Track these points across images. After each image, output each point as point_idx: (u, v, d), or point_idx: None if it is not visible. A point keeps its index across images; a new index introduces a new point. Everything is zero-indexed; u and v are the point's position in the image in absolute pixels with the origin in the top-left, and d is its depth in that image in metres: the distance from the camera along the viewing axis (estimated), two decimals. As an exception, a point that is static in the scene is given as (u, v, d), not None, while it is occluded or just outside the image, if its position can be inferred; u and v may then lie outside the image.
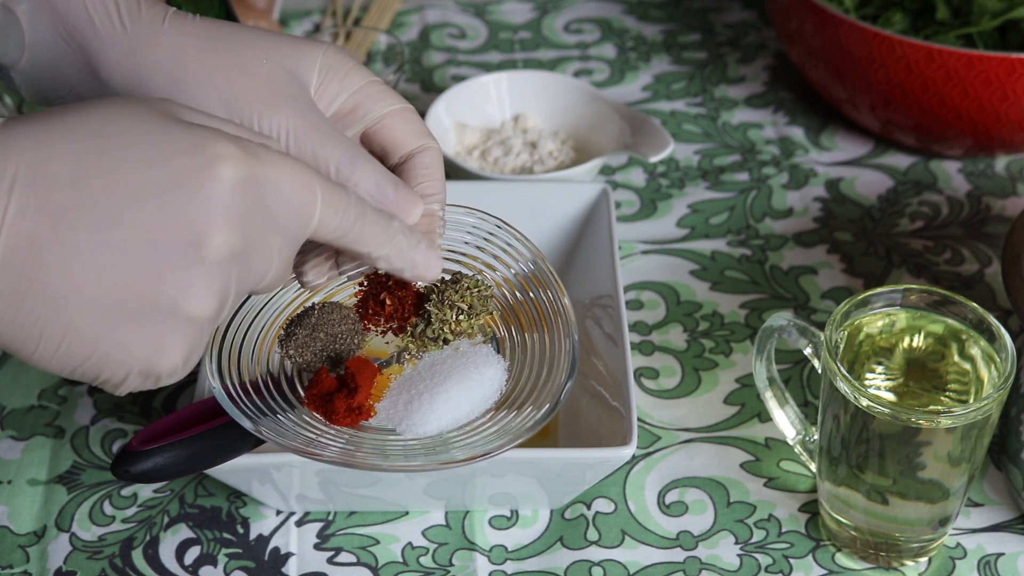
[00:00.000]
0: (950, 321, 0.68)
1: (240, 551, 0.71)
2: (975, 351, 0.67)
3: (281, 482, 0.69)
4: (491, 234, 0.65)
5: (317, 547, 0.71)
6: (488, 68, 1.07)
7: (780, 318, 0.70)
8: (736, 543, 0.72)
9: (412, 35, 1.11)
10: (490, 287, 0.63)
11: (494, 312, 0.64)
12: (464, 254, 0.65)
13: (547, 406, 0.61)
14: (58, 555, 0.71)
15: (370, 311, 0.63)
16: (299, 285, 0.61)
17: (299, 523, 0.72)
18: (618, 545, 0.71)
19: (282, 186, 0.51)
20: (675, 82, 1.06)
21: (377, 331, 0.63)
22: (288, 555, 0.71)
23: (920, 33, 0.94)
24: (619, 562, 0.71)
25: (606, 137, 0.92)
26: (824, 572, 0.70)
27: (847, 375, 0.64)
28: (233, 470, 0.67)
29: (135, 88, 0.59)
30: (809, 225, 0.92)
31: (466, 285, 0.63)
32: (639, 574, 0.70)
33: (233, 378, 0.61)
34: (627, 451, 0.66)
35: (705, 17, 1.14)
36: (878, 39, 0.88)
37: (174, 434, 0.61)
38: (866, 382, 0.67)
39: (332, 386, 0.62)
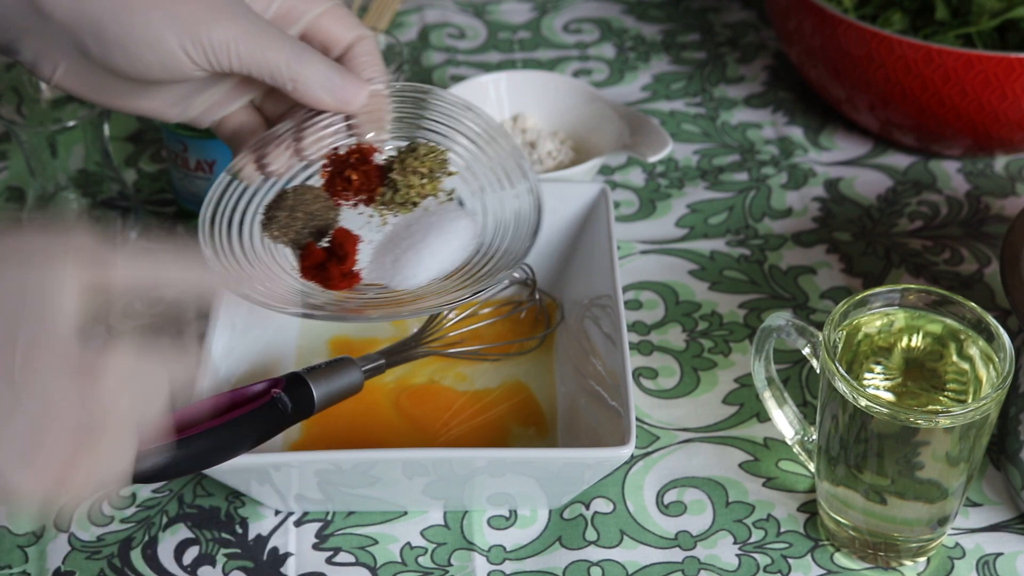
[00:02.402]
0: (949, 321, 0.68)
1: (239, 551, 0.71)
2: (974, 351, 0.67)
3: (280, 482, 0.69)
4: (438, 102, 0.72)
5: (316, 547, 0.71)
6: (487, 68, 1.07)
7: (779, 318, 0.70)
8: (735, 543, 0.72)
9: (411, 35, 1.11)
10: (445, 151, 0.70)
11: (453, 172, 0.70)
12: (418, 125, 0.71)
13: (527, 245, 0.67)
14: (57, 555, 0.71)
15: (339, 188, 0.69)
16: (265, 177, 0.68)
17: (298, 523, 0.72)
18: (617, 545, 0.71)
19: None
20: (674, 82, 1.06)
21: (348, 204, 0.70)
22: (287, 555, 0.71)
23: (919, 33, 0.94)
24: (618, 562, 0.71)
25: (605, 137, 0.92)
26: (823, 572, 0.70)
27: (845, 375, 0.64)
28: (232, 470, 0.67)
29: (79, 17, 0.60)
30: (808, 225, 0.92)
31: (423, 152, 0.69)
32: (638, 574, 0.70)
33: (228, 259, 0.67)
34: (626, 451, 0.66)
35: (704, 17, 1.14)
36: (877, 39, 0.88)
37: (173, 434, 0.61)
38: (864, 382, 0.67)
39: (322, 256, 0.68)
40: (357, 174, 0.69)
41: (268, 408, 0.64)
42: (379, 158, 0.70)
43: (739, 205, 0.94)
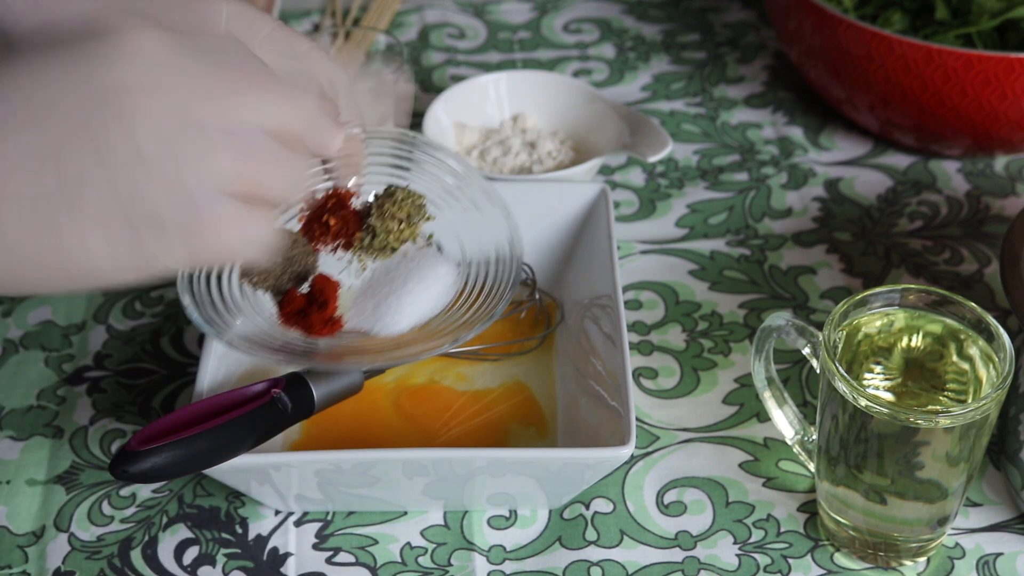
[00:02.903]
0: (949, 321, 0.68)
1: (239, 551, 0.71)
2: (974, 351, 0.67)
3: (280, 482, 0.69)
4: (413, 148, 0.72)
5: (316, 547, 0.71)
6: (487, 68, 1.07)
7: (779, 318, 0.70)
8: (735, 543, 0.72)
9: (411, 35, 1.11)
10: (422, 196, 0.70)
11: (431, 217, 0.70)
12: (395, 168, 0.71)
13: (506, 287, 0.68)
14: (57, 555, 0.71)
15: (317, 232, 0.69)
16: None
17: (298, 523, 0.72)
18: (617, 545, 0.71)
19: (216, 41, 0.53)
20: (674, 82, 1.06)
21: (327, 249, 0.69)
22: (287, 555, 0.71)
23: (919, 33, 0.94)
24: (618, 562, 0.71)
25: (605, 137, 0.92)
26: (823, 572, 0.70)
27: (845, 375, 0.64)
28: (232, 470, 0.67)
29: None
30: (808, 225, 0.92)
31: (400, 197, 0.69)
32: (638, 574, 0.70)
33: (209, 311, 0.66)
34: (626, 451, 0.66)
35: (704, 17, 1.14)
36: (877, 39, 0.88)
37: (173, 434, 0.61)
38: (864, 382, 0.67)
39: (303, 303, 0.67)
40: (335, 219, 0.68)
41: (268, 408, 0.64)
42: (356, 202, 0.69)
43: (739, 205, 0.94)
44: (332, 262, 0.69)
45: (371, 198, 0.69)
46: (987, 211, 0.94)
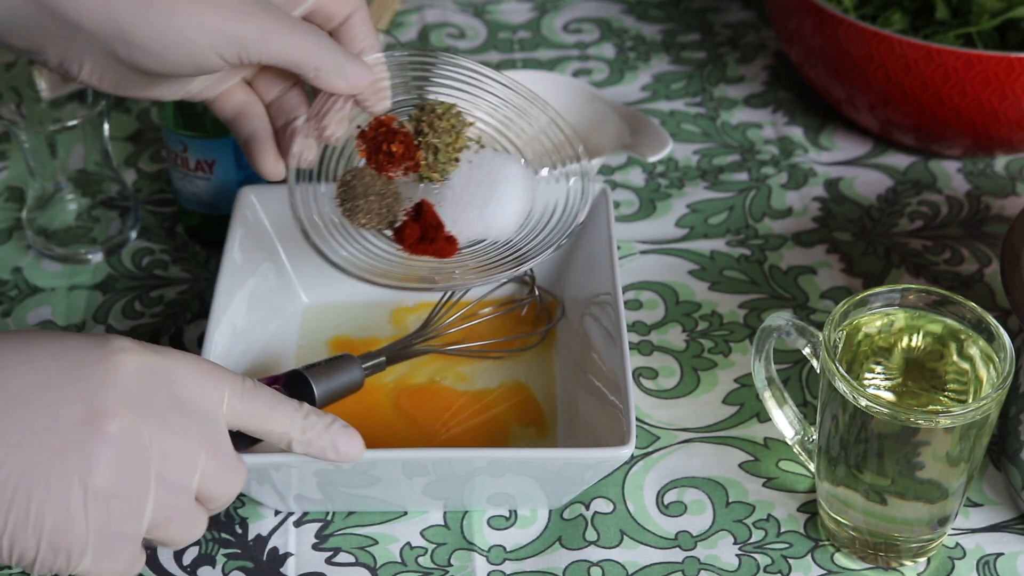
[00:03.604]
0: (949, 321, 0.68)
1: (238, 551, 0.71)
2: (974, 351, 0.67)
3: (279, 482, 0.69)
4: (441, 63, 0.74)
5: (316, 547, 0.71)
6: (487, 68, 1.07)
7: (779, 318, 0.70)
8: (735, 543, 0.72)
9: (411, 35, 1.11)
10: (453, 104, 0.73)
11: (469, 122, 0.73)
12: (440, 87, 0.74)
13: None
14: (56, 555, 0.71)
15: (384, 163, 0.71)
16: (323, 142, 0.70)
17: (297, 523, 0.72)
18: (617, 545, 0.71)
19: (184, 374, 0.56)
20: (674, 82, 1.06)
21: (398, 174, 0.71)
22: (287, 555, 0.71)
23: (919, 33, 0.94)
24: (618, 562, 0.70)
25: (605, 137, 0.92)
26: (823, 572, 0.70)
27: (846, 375, 0.64)
28: (231, 470, 0.67)
29: (109, 25, 0.62)
30: (808, 225, 0.92)
31: (440, 110, 0.72)
32: (638, 574, 0.70)
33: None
34: (626, 451, 0.66)
35: (704, 17, 1.14)
36: (877, 39, 0.88)
37: None
38: (865, 382, 0.67)
39: (419, 230, 0.70)
40: (396, 146, 0.71)
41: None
42: (396, 125, 0.72)
43: (739, 205, 0.94)
44: (408, 187, 0.72)
45: (405, 120, 0.72)
46: (987, 211, 0.94)
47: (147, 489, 0.54)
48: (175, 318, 0.84)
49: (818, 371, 0.68)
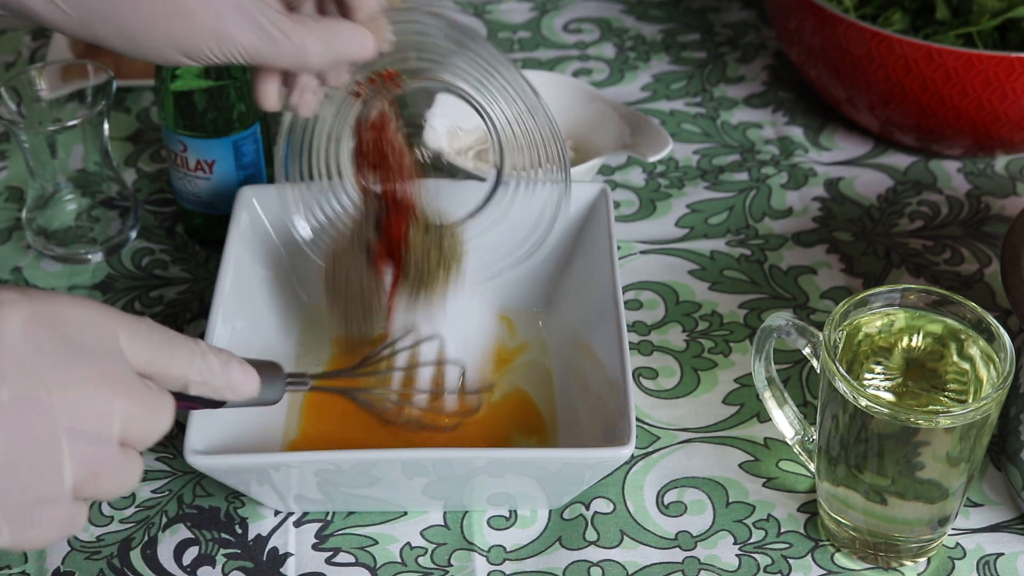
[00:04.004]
0: (949, 321, 0.68)
1: (238, 551, 0.71)
2: (974, 351, 0.67)
3: (280, 482, 0.69)
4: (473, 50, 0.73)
5: (315, 547, 0.71)
6: (487, 68, 1.07)
7: (779, 318, 0.70)
8: (735, 543, 0.72)
9: (411, 35, 1.11)
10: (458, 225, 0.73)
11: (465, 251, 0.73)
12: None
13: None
14: (56, 555, 0.71)
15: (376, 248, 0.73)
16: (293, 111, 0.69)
17: (297, 523, 0.72)
18: (617, 545, 0.71)
19: (75, 319, 0.52)
20: (674, 82, 1.06)
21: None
22: (287, 555, 0.71)
23: (919, 33, 0.93)
24: (618, 562, 0.70)
25: (605, 137, 0.92)
26: (823, 572, 0.70)
27: (846, 375, 0.64)
28: (232, 470, 0.67)
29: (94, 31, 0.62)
30: (808, 225, 0.92)
31: (437, 232, 0.72)
32: (638, 574, 0.70)
33: None
34: (626, 451, 0.65)
35: (704, 17, 1.14)
36: (877, 38, 0.88)
37: None
38: (865, 382, 0.67)
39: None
40: (377, 244, 0.72)
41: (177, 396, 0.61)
42: (404, 87, 0.72)
43: (739, 205, 0.94)
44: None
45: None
46: (987, 211, 0.94)
47: (58, 449, 0.51)
48: (175, 318, 0.84)
49: (818, 371, 0.68)
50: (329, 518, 0.72)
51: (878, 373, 0.68)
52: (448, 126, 0.93)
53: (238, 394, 0.59)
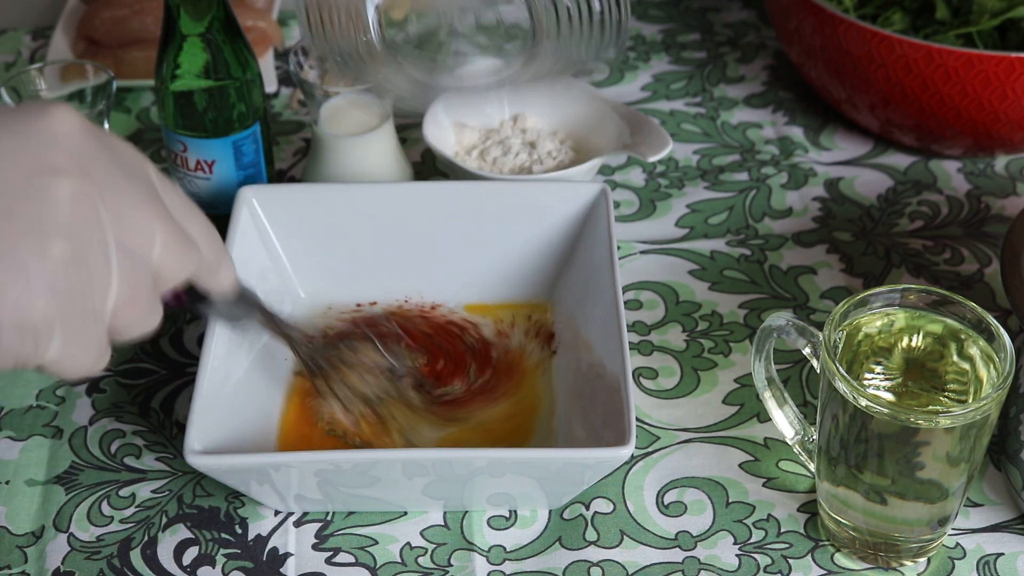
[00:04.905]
0: (949, 321, 0.68)
1: (238, 551, 0.71)
2: (974, 351, 0.67)
3: (279, 482, 0.69)
4: None
5: (315, 547, 0.71)
6: (487, 68, 1.07)
7: (779, 318, 0.70)
8: (735, 543, 0.72)
9: (411, 35, 1.11)
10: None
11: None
12: None
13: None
14: (56, 555, 0.71)
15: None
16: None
17: (297, 523, 0.72)
18: (617, 545, 0.71)
19: (119, 143, 0.52)
20: (674, 82, 1.06)
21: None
22: (286, 555, 0.71)
23: (920, 32, 0.93)
24: (618, 562, 0.70)
25: (605, 137, 0.92)
26: (823, 572, 0.70)
27: (846, 375, 0.64)
28: (232, 470, 0.67)
29: None
30: (808, 225, 0.92)
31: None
32: (638, 574, 0.70)
33: None
34: (626, 451, 0.65)
35: (704, 17, 1.14)
36: (877, 38, 0.88)
37: None
38: (865, 382, 0.67)
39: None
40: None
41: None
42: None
43: (739, 205, 0.94)
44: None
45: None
46: (987, 211, 0.94)
47: (109, 259, 0.49)
48: (175, 318, 0.84)
49: (818, 371, 0.68)
50: (329, 518, 0.72)
51: (878, 373, 0.68)
52: (454, 120, 0.93)
53: (218, 282, 0.58)
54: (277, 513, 0.73)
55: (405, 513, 0.73)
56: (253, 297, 0.65)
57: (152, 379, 0.80)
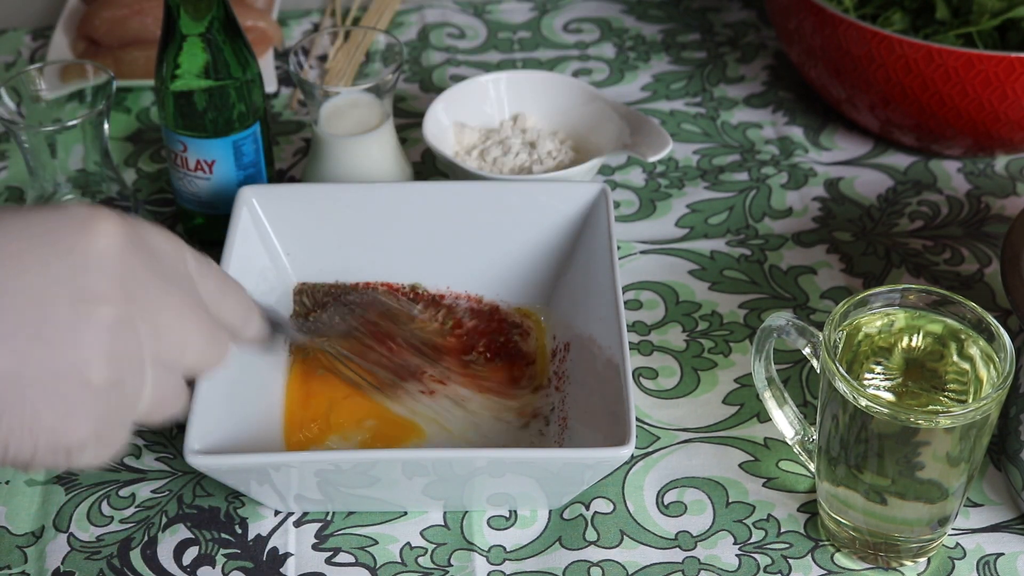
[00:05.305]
0: (949, 321, 0.68)
1: (238, 551, 0.71)
2: (974, 351, 0.67)
3: (279, 482, 0.69)
4: None
5: (315, 547, 0.71)
6: (487, 68, 1.07)
7: (779, 318, 0.70)
8: (735, 543, 0.72)
9: (411, 35, 1.11)
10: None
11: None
12: None
13: None
14: (56, 555, 0.71)
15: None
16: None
17: (297, 523, 0.72)
18: (617, 545, 0.71)
19: (157, 243, 0.52)
20: (674, 82, 1.06)
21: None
22: (286, 555, 0.71)
23: (920, 32, 0.93)
24: (618, 562, 0.70)
25: (605, 137, 0.92)
26: (823, 572, 0.70)
27: (846, 375, 0.64)
28: (232, 470, 0.67)
29: None
30: (808, 225, 0.92)
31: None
32: (638, 574, 0.70)
33: None
34: (626, 451, 0.65)
35: (704, 17, 1.14)
36: (877, 38, 0.88)
37: None
38: (865, 382, 0.67)
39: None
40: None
41: None
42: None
43: (739, 205, 0.94)
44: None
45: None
46: (987, 211, 0.94)
47: (144, 375, 0.50)
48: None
49: (818, 371, 0.68)
50: (329, 518, 0.72)
51: (878, 373, 0.68)
52: (454, 120, 0.93)
53: (245, 341, 0.59)
54: (277, 513, 0.73)
55: (405, 513, 0.73)
56: (279, 327, 0.65)
57: (152, 379, 0.80)
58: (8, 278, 0.47)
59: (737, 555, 0.71)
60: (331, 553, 0.71)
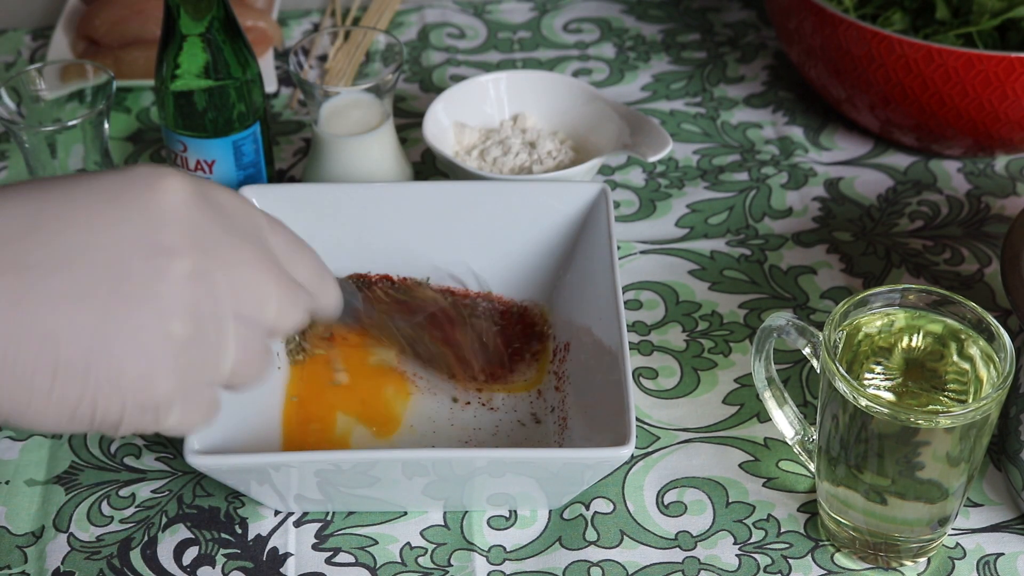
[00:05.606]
0: (949, 321, 0.68)
1: (238, 551, 0.71)
2: (974, 351, 0.67)
3: (279, 482, 0.69)
4: None
5: (315, 547, 0.71)
6: (487, 68, 1.07)
7: (779, 318, 0.70)
8: (735, 543, 0.72)
9: (411, 35, 1.11)
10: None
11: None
12: None
13: None
14: (56, 555, 0.71)
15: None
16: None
17: (297, 523, 0.72)
18: (617, 545, 0.71)
19: (226, 200, 0.52)
20: (674, 82, 1.06)
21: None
22: (286, 555, 0.71)
23: (920, 32, 0.93)
24: (618, 562, 0.70)
25: (605, 137, 0.92)
26: (823, 572, 0.70)
27: (846, 375, 0.64)
28: (232, 470, 0.67)
29: None
30: (808, 225, 0.92)
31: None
32: (638, 574, 0.70)
33: None
34: (626, 451, 0.65)
35: (704, 17, 1.14)
36: (877, 38, 0.88)
37: None
38: (865, 382, 0.67)
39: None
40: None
41: None
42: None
43: (739, 205, 0.94)
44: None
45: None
46: (987, 211, 0.94)
47: (226, 331, 0.50)
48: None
49: (818, 371, 0.68)
50: (329, 518, 0.72)
51: (878, 373, 0.68)
52: (454, 120, 0.93)
53: (323, 308, 0.58)
54: (277, 513, 0.73)
55: (405, 513, 0.73)
56: (351, 301, 0.65)
57: (152, 379, 0.80)
58: (82, 240, 0.48)
59: (737, 555, 0.71)
60: (331, 553, 0.71)
